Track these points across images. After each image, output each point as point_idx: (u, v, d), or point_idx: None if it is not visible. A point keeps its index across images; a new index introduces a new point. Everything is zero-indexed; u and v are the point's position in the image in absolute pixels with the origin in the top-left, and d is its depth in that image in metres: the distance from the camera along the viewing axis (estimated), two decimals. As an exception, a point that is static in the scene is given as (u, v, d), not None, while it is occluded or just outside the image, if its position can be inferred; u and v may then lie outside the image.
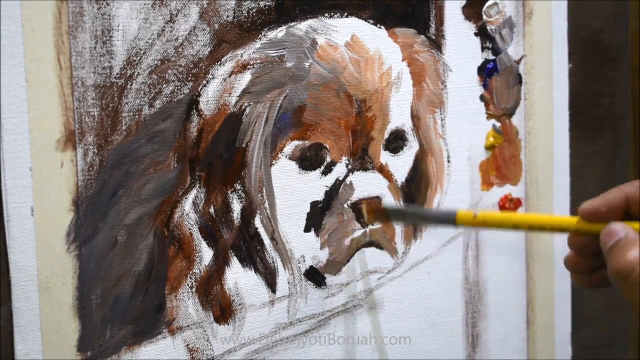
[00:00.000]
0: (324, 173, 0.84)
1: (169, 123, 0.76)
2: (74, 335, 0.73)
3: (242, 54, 0.79)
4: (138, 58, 0.74)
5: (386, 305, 0.89)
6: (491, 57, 0.93)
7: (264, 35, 0.80)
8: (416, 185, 0.89)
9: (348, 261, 0.86)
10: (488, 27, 0.93)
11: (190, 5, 0.76)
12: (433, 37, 0.89)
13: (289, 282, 0.83)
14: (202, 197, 0.78)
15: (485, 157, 0.94)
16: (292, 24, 0.81)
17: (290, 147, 0.82)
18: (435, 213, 0.78)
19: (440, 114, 0.91)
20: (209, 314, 0.80)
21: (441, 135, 0.91)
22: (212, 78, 0.78)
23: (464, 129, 0.92)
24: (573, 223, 0.65)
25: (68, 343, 0.73)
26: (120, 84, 0.74)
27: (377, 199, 0.86)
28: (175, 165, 0.77)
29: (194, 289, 0.79)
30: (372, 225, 0.85)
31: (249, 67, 0.79)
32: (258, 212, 0.81)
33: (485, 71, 0.93)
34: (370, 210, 0.84)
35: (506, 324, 0.97)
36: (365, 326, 0.88)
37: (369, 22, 0.85)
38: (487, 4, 0.92)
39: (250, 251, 0.81)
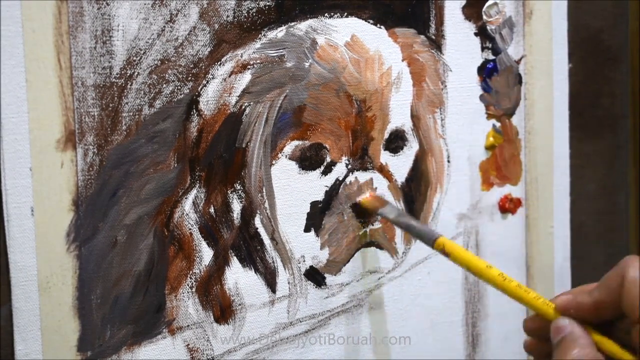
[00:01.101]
0: (324, 173, 0.84)
1: (169, 123, 0.76)
2: (74, 335, 0.73)
3: (242, 54, 0.79)
4: (138, 58, 0.74)
5: (386, 305, 0.89)
6: (491, 57, 0.93)
7: (264, 35, 0.80)
8: (416, 185, 0.89)
9: (348, 261, 0.86)
10: (488, 27, 0.93)
11: (190, 5, 0.76)
12: (433, 37, 0.89)
13: (289, 282, 0.83)
14: (202, 197, 0.78)
15: (485, 157, 0.94)
16: (292, 24, 0.81)
17: (290, 147, 0.82)
18: (420, 230, 0.79)
19: (440, 114, 0.91)
20: (209, 314, 0.80)
21: (441, 135, 0.91)
22: (212, 78, 0.78)
23: (464, 129, 0.92)
24: (542, 307, 0.66)
25: (68, 343, 0.73)
26: (120, 84, 0.74)
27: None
28: (175, 165, 0.77)
29: (194, 289, 0.79)
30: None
31: (249, 67, 0.79)
32: (258, 212, 0.81)
33: (485, 71, 0.93)
34: (371, 199, 0.84)
35: (506, 324, 0.97)
36: (365, 326, 0.88)
37: (369, 22, 0.85)
38: (487, 3, 0.92)
39: (250, 251, 0.81)
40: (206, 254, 0.79)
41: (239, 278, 0.81)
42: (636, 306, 0.60)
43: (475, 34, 0.92)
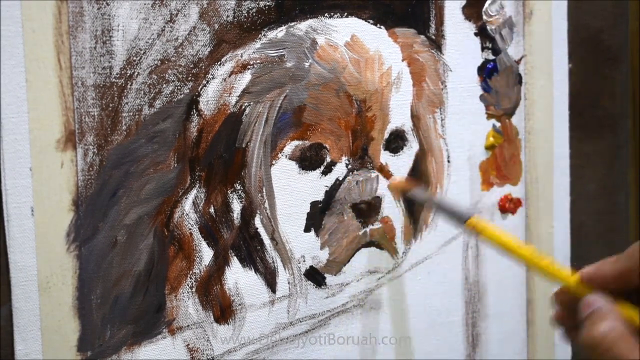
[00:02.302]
0: (324, 173, 0.84)
1: (169, 123, 0.76)
2: (74, 335, 0.73)
3: (242, 54, 0.79)
4: (138, 58, 0.74)
5: (386, 305, 0.89)
6: (491, 57, 0.93)
7: (264, 35, 0.80)
8: (416, 185, 0.90)
9: (348, 261, 0.86)
10: (488, 27, 0.93)
11: (190, 5, 0.76)
12: (433, 37, 0.89)
13: (289, 282, 0.83)
14: (202, 197, 0.78)
15: (485, 157, 0.94)
16: (292, 24, 0.81)
17: (290, 147, 0.82)
18: (452, 210, 0.79)
19: (440, 114, 0.91)
20: (209, 314, 0.80)
21: (441, 135, 0.91)
22: (212, 78, 0.78)
23: (464, 129, 0.92)
24: (571, 281, 0.67)
25: (68, 343, 0.73)
26: (120, 84, 0.74)
27: (377, 198, 0.86)
28: (175, 165, 0.77)
29: (194, 289, 0.79)
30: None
31: (249, 67, 0.79)
32: (258, 212, 0.81)
33: (485, 71, 0.93)
34: (398, 185, 0.85)
35: (506, 324, 0.97)
36: (365, 326, 0.88)
37: (369, 22, 0.85)
38: (488, 2, 0.92)
39: (250, 251, 0.81)
40: (206, 254, 0.79)
41: (239, 278, 0.81)
42: None
43: (475, 34, 0.92)
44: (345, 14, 0.84)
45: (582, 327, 0.63)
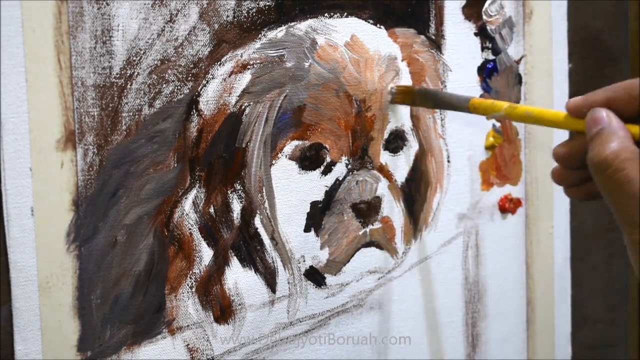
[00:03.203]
0: (324, 173, 0.84)
1: (169, 123, 0.76)
2: (74, 335, 0.73)
3: (242, 54, 0.79)
4: (138, 58, 0.74)
5: (386, 305, 0.89)
6: (491, 57, 0.93)
7: (264, 35, 0.80)
8: (416, 185, 0.89)
9: (348, 261, 0.86)
10: (488, 27, 0.93)
11: (190, 5, 0.76)
12: (433, 37, 0.89)
13: (289, 282, 0.83)
14: (202, 197, 0.78)
15: (485, 157, 0.94)
16: (292, 24, 0.81)
17: (290, 147, 0.82)
18: (451, 98, 0.80)
19: (440, 113, 0.91)
20: (209, 314, 0.80)
21: (441, 135, 0.91)
22: (212, 78, 0.78)
23: (464, 129, 0.92)
24: (560, 118, 0.64)
25: (68, 343, 0.73)
26: (120, 84, 0.74)
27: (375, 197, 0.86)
28: (175, 165, 0.77)
29: (194, 289, 0.79)
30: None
31: (249, 67, 0.79)
32: (258, 212, 0.81)
33: (485, 71, 0.93)
34: (399, 91, 0.85)
35: (506, 324, 0.97)
36: (365, 326, 0.88)
37: (368, 22, 0.85)
38: (488, 2, 0.92)
39: (250, 251, 0.81)
40: (206, 254, 0.79)
41: (239, 278, 0.81)
42: None
43: (475, 34, 0.92)
44: (345, 14, 0.84)
45: (589, 146, 0.59)
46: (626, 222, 0.57)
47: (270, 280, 0.82)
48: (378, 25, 0.85)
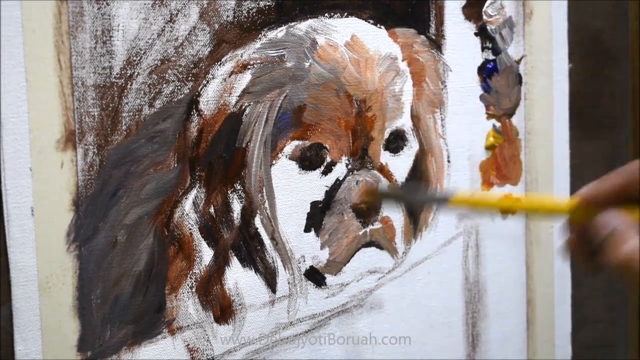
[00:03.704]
0: (324, 173, 0.84)
1: (169, 123, 0.76)
2: (74, 335, 0.73)
3: (242, 54, 0.79)
4: (138, 58, 0.74)
5: (386, 305, 0.89)
6: (491, 57, 0.93)
7: (264, 35, 0.80)
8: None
9: (348, 261, 0.86)
10: (488, 27, 0.93)
11: (190, 5, 0.76)
12: (433, 37, 0.89)
13: (289, 282, 0.83)
14: (202, 197, 0.78)
15: (485, 157, 0.94)
16: (292, 24, 0.81)
17: (290, 147, 0.82)
18: (430, 197, 0.77)
19: (440, 114, 0.91)
20: (209, 314, 0.80)
21: (441, 135, 0.91)
22: (212, 78, 0.78)
23: (464, 129, 0.92)
24: (568, 208, 0.64)
25: (68, 343, 0.73)
26: (120, 84, 0.74)
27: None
28: (175, 165, 0.77)
29: (194, 289, 0.79)
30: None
31: (249, 67, 0.79)
32: (258, 212, 0.81)
33: (485, 71, 0.93)
34: (364, 192, 0.83)
35: (506, 324, 0.97)
36: (365, 326, 0.88)
37: (369, 22, 0.85)
38: (488, 2, 0.92)
39: (250, 251, 0.81)
40: (206, 254, 0.79)
41: (239, 278, 0.81)
42: None
43: (475, 34, 0.92)
44: (345, 14, 0.84)
45: (602, 250, 0.60)
46: None
47: (270, 280, 0.82)
48: (378, 25, 0.85)
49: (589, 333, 1.05)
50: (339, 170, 0.84)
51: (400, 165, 0.88)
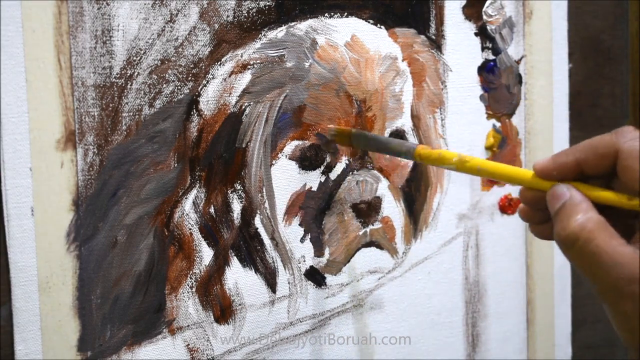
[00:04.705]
0: (324, 173, 0.84)
1: (169, 123, 0.76)
2: (74, 335, 0.73)
3: (242, 54, 0.79)
4: (138, 58, 0.74)
5: (386, 305, 0.89)
6: (491, 57, 0.93)
7: (264, 35, 0.80)
8: (416, 185, 0.89)
9: (348, 261, 0.86)
10: (488, 27, 0.93)
11: (190, 5, 0.76)
12: (433, 37, 0.89)
13: (289, 282, 0.83)
14: (202, 197, 0.78)
15: (485, 157, 0.94)
16: (292, 24, 0.81)
17: (290, 147, 0.82)
18: (397, 145, 0.75)
19: (440, 114, 0.91)
20: (209, 314, 0.80)
21: (441, 135, 0.91)
22: (212, 78, 0.78)
23: (464, 129, 0.92)
24: (527, 177, 0.63)
25: (68, 343, 0.73)
26: (120, 84, 0.74)
27: (377, 198, 0.86)
28: (175, 165, 0.77)
29: (194, 289, 0.79)
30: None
31: (249, 67, 0.79)
32: (258, 212, 0.81)
33: (485, 71, 0.93)
34: (337, 132, 0.81)
35: (506, 324, 0.97)
36: (365, 326, 0.88)
37: (369, 22, 0.85)
38: (488, 2, 0.92)
39: (251, 251, 0.81)
40: (206, 254, 0.79)
41: (239, 278, 0.81)
42: (636, 178, 0.58)
43: (475, 34, 0.92)
44: (345, 14, 0.84)
45: (554, 222, 0.59)
46: (607, 293, 0.56)
47: (270, 280, 0.82)
48: (378, 25, 0.85)
49: (589, 333, 1.05)
50: (339, 170, 0.84)
51: (400, 164, 0.88)
